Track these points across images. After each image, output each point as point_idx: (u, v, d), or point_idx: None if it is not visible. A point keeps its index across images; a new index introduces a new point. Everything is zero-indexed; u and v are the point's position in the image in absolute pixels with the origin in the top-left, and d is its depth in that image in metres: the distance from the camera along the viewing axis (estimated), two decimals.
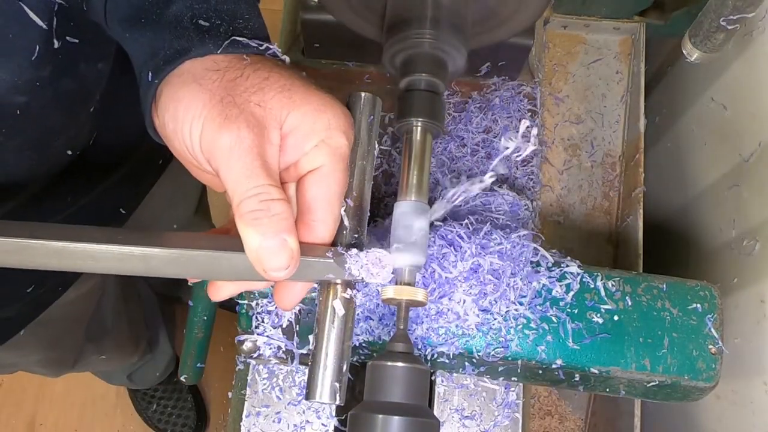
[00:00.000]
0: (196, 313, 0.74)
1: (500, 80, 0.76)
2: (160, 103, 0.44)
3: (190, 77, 0.43)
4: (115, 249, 0.42)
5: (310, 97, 0.44)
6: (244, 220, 0.41)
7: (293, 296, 0.48)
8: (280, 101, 0.43)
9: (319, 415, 0.66)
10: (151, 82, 0.45)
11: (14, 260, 0.42)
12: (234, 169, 0.41)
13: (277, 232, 0.41)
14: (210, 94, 0.42)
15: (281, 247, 0.41)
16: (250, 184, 0.41)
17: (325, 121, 0.44)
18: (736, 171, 0.84)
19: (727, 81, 0.87)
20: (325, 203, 0.44)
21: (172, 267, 0.43)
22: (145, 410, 1.66)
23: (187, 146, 0.43)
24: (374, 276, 0.46)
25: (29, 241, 0.42)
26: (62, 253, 0.42)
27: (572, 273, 0.61)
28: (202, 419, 1.66)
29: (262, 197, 0.41)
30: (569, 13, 0.99)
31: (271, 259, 0.41)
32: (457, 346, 0.59)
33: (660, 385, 0.60)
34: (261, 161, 0.41)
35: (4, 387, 1.70)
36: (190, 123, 0.42)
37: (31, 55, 0.51)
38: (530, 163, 0.74)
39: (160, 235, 0.45)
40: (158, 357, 1.49)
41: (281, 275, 0.42)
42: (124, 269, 0.43)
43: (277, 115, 0.43)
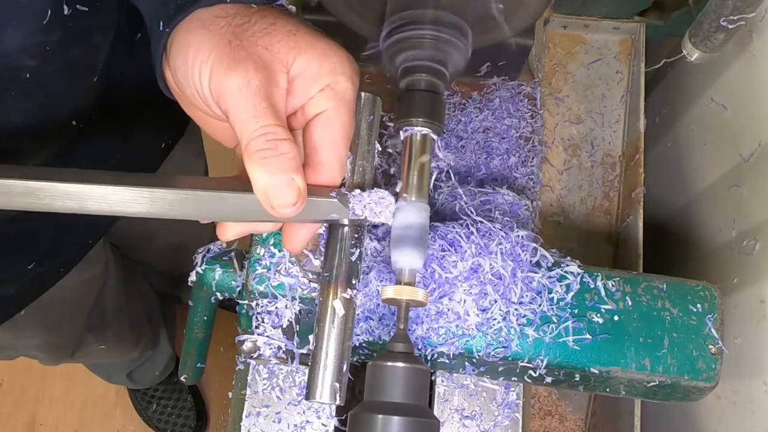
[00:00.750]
0: (196, 313, 0.74)
1: (500, 80, 0.76)
2: (171, 51, 0.45)
3: (199, 23, 0.44)
4: (124, 190, 0.43)
5: (317, 42, 0.45)
6: (252, 159, 0.42)
7: (300, 238, 0.49)
8: (286, 45, 0.44)
9: (319, 415, 0.66)
10: (163, 31, 0.46)
11: (26, 202, 0.43)
12: (242, 109, 0.42)
13: (284, 171, 0.42)
14: (218, 38, 0.43)
15: (289, 184, 0.42)
16: (258, 123, 0.42)
17: (331, 65, 0.45)
18: (736, 171, 0.84)
19: (727, 81, 0.87)
20: (331, 145, 0.46)
21: (179, 207, 0.44)
22: (144, 410, 1.65)
23: (197, 89, 0.44)
24: (377, 215, 0.47)
25: (41, 183, 0.43)
26: (74, 194, 0.43)
27: (572, 273, 0.61)
28: (202, 419, 1.66)
29: (270, 137, 0.42)
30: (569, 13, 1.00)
31: (279, 196, 0.42)
32: (457, 346, 0.59)
33: (660, 385, 0.60)
34: (268, 102, 0.43)
35: (4, 387, 1.70)
36: (199, 66, 0.43)
37: (43, 19, 0.52)
38: (530, 163, 0.74)
39: (168, 177, 0.46)
40: (158, 356, 1.49)
41: (288, 212, 0.43)
42: (132, 211, 0.44)
43: (284, 58, 0.44)
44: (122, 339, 1.25)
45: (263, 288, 0.59)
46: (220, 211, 0.46)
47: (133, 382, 1.54)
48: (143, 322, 1.35)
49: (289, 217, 0.44)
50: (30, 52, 0.54)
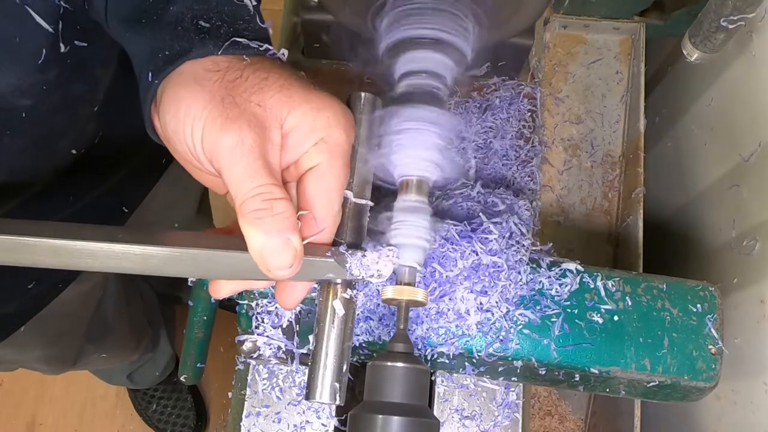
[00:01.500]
0: (196, 313, 0.74)
1: (500, 80, 0.76)
2: (162, 104, 0.44)
3: (190, 77, 0.43)
4: (115, 247, 0.42)
5: (310, 96, 0.44)
6: (247, 220, 0.41)
7: (295, 295, 0.48)
8: (279, 101, 0.43)
9: (319, 415, 0.66)
10: (151, 82, 0.45)
11: (13, 258, 0.42)
12: (236, 169, 0.41)
13: (280, 231, 0.41)
14: (211, 94, 0.42)
15: (285, 245, 0.41)
16: (252, 183, 0.41)
17: (325, 119, 0.44)
18: (736, 171, 0.84)
19: (727, 81, 0.87)
20: (325, 200, 0.45)
21: (172, 266, 0.43)
22: (144, 410, 1.65)
23: (189, 147, 0.43)
24: (374, 276, 0.47)
25: (28, 239, 0.42)
26: (61, 251, 0.42)
27: (572, 273, 0.61)
28: (202, 419, 1.66)
29: (265, 196, 0.41)
30: (569, 13, 0.99)
31: (275, 257, 0.41)
32: (457, 346, 0.59)
33: (660, 385, 0.60)
34: (263, 161, 0.42)
35: (4, 387, 1.70)
36: (191, 123, 0.42)
37: (38, 59, 0.51)
38: (530, 163, 0.74)
39: (161, 233, 0.45)
40: (158, 357, 1.49)
41: (285, 274, 0.42)
42: (123, 268, 0.43)
43: (278, 114, 0.43)
44: (122, 345, 1.25)
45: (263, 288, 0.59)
46: (214, 270, 0.44)
47: (134, 383, 1.54)
48: (143, 324, 1.34)
49: (285, 279, 0.43)
50: (25, 92, 0.53)
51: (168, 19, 0.46)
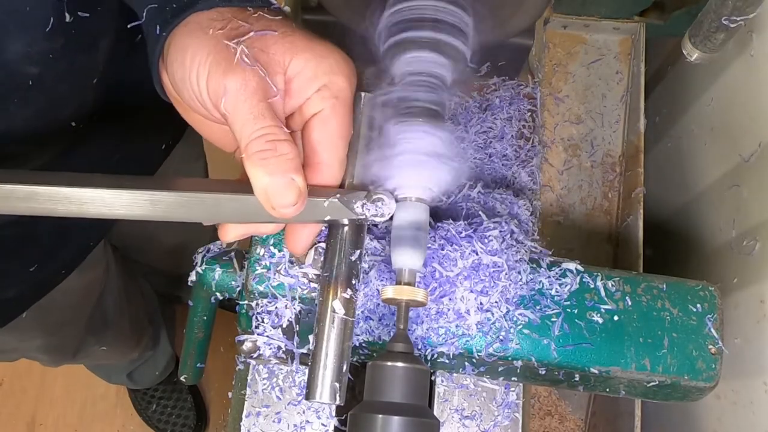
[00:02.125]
0: (196, 313, 0.74)
1: (500, 80, 0.76)
2: (169, 56, 0.46)
3: (196, 26, 0.45)
4: (123, 194, 0.44)
5: (313, 44, 0.45)
6: (252, 160, 0.42)
7: (303, 240, 0.49)
8: (282, 46, 0.44)
9: (319, 415, 0.66)
10: (160, 35, 0.46)
11: (25, 206, 0.43)
12: (241, 111, 0.42)
13: (284, 171, 0.42)
14: (215, 40, 0.44)
15: (289, 184, 0.42)
16: (257, 125, 0.42)
17: (327, 66, 0.45)
18: (736, 171, 0.84)
19: (727, 81, 0.87)
20: (330, 145, 0.46)
21: (180, 210, 0.44)
22: (144, 410, 1.65)
23: (195, 92, 0.44)
24: (377, 215, 0.47)
25: (40, 187, 0.43)
26: (72, 198, 0.43)
27: (572, 273, 0.61)
28: (202, 419, 1.66)
29: (269, 137, 0.42)
30: (569, 13, 1.00)
31: (280, 196, 0.42)
32: (457, 346, 0.59)
33: (660, 385, 0.60)
34: (266, 104, 0.43)
35: (4, 387, 1.70)
36: (197, 69, 0.43)
37: (45, 27, 0.53)
38: (530, 163, 0.74)
39: (168, 180, 0.46)
40: (158, 356, 1.49)
41: (289, 212, 0.43)
42: (133, 214, 0.44)
43: (281, 59, 0.44)
44: (123, 340, 1.25)
45: (263, 288, 0.59)
46: (221, 213, 0.46)
47: (133, 382, 1.54)
48: (144, 322, 1.35)
49: (290, 218, 0.44)
50: (33, 60, 0.55)
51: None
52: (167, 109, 0.51)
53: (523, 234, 0.61)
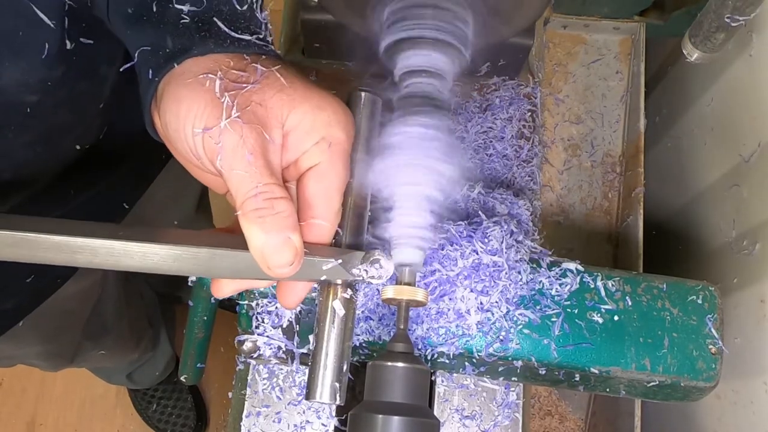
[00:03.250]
0: (196, 313, 0.74)
1: (500, 80, 0.76)
2: (162, 103, 0.44)
3: (191, 76, 0.43)
4: (115, 244, 0.42)
5: (310, 95, 0.44)
6: (248, 218, 0.41)
7: (296, 295, 0.48)
8: (280, 100, 0.43)
9: (319, 415, 0.66)
10: (152, 79, 0.45)
11: (15, 254, 0.42)
12: (237, 168, 0.41)
13: (281, 230, 0.41)
14: (211, 93, 0.42)
15: (285, 244, 0.41)
16: (253, 182, 0.41)
17: (325, 118, 0.44)
18: (736, 171, 0.84)
19: (727, 81, 0.87)
20: (325, 199, 0.45)
21: (173, 263, 0.43)
22: (144, 410, 1.65)
23: (190, 146, 0.43)
24: (375, 277, 0.47)
25: (30, 234, 0.42)
26: (63, 247, 0.42)
27: (572, 272, 0.61)
28: (202, 419, 1.66)
29: (266, 195, 0.41)
30: (569, 13, 1.00)
31: (276, 256, 0.42)
32: (457, 346, 0.59)
33: (660, 385, 0.60)
34: (264, 160, 0.42)
35: (4, 387, 1.70)
36: (192, 123, 0.42)
37: (41, 54, 0.51)
38: (530, 163, 0.74)
39: (162, 231, 0.45)
40: (158, 357, 1.49)
41: (285, 272, 0.42)
42: (123, 265, 0.43)
43: (278, 113, 0.43)
44: (122, 343, 1.25)
45: (263, 288, 0.59)
46: (216, 269, 0.44)
47: (133, 383, 1.54)
48: (143, 324, 1.35)
49: (285, 277, 0.43)
50: (30, 88, 0.53)
51: (169, 16, 0.46)
52: None
53: (523, 234, 0.61)
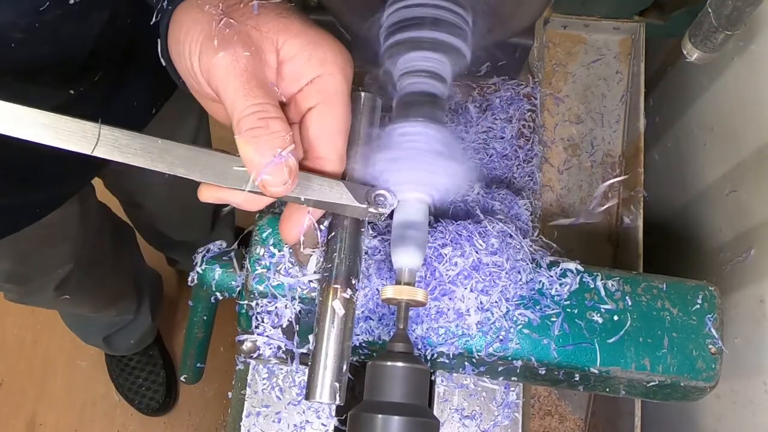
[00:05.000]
0: (196, 313, 0.74)
1: (500, 80, 0.76)
2: (169, 32, 0.46)
3: (193, 3, 0.45)
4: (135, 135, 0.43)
5: (307, 29, 0.45)
6: (243, 138, 0.42)
7: (298, 226, 0.49)
8: (276, 26, 0.44)
9: (319, 415, 0.66)
10: (166, 9, 0.46)
11: (44, 134, 0.42)
12: (231, 87, 0.42)
13: (275, 149, 0.42)
14: (208, 17, 0.44)
15: (280, 162, 0.42)
16: (247, 102, 0.42)
17: (321, 55, 0.45)
18: (736, 171, 0.84)
19: (727, 81, 0.87)
20: (327, 139, 0.46)
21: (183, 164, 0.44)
22: (117, 377, 1.67)
23: (188, 68, 0.45)
24: (378, 207, 0.47)
25: (61, 116, 0.42)
26: None
27: (572, 272, 0.61)
28: (171, 395, 1.67)
29: (261, 115, 0.42)
30: (569, 13, 1.00)
31: (270, 174, 0.42)
32: (457, 346, 0.59)
33: (660, 385, 0.60)
34: (258, 81, 0.43)
35: (4, 387, 1.70)
36: (189, 45, 0.44)
37: (40, 6, 0.53)
38: (530, 163, 0.74)
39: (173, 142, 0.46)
40: (136, 324, 1.50)
41: (280, 191, 0.43)
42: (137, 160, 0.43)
43: (273, 38, 0.44)
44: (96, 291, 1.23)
45: (263, 288, 0.59)
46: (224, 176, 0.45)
47: (109, 347, 1.55)
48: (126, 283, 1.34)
49: (280, 196, 0.44)
50: (20, 27, 0.55)
51: None
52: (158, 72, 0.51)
53: (522, 234, 0.61)
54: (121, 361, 1.65)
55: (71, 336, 1.52)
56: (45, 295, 1.08)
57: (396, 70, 0.53)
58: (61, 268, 1.03)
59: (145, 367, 1.65)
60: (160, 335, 1.69)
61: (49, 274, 1.04)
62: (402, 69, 0.52)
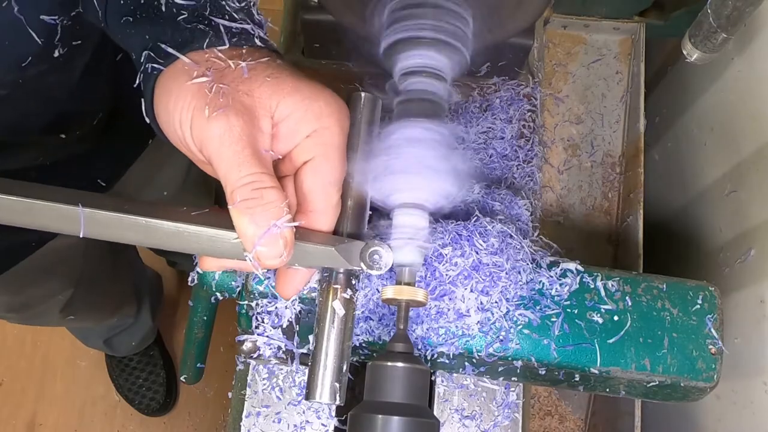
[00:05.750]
0: (196, 313, 0.74)
1: (500, 80, 0.76)
2: (155, 97, 0.45)
3: (180, 69, 0.44)
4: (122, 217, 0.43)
5: (300, 86, 0.44)
6: (238, 209, 0.41)
7: (294, 285, 0.48)
8: (268, 89, 0.43)
9: (319, 415, 0.66)
10: (150, 73, 0.45)
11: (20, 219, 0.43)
12: (225, 157, 0.41)
13: (270, 220, 0.41)
14: (198, 85, 0.43)
15: (275, 235, 0.41)
16: (241, 172, 0.41)
17: (317, 109, 0.44)
18: (736, 171, 0.84)
19: (727, 81, 0.87)
20: (322, 192, 0.45)
21: (175, 240, 0.43)
22: (117, 377, 1.67)
23: (180, 137, 0.44)
24: (374, 267, 0.46)
25: (36, 201, 0.42)
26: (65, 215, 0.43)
27: (572, 272, 0.61)
28: (171, 396, 1.67)
29: (255, 185, 0.41)
30: (569, 13, 1.00)
31: (266, 247, 0.41)
32: (457, 346, 0.59)
33: (660, 385, 0.60)
34: (252, 149, 0.42)
35: (4, 387, 1.70)
36: (179, 114, 0.43)
37: (22, 62, 0.52)
38: (530, 163, 0.74)
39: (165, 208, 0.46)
40: (137, 326, 1.50)
41: (275, 263, 0.42)
42: (126, 238, 0.43)
43: (266, 103, 0.43)
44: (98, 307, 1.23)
45: (263, 288, 0.59)
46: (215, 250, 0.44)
47: (110, 349, 1.55)
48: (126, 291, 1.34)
49: (275, 267, 0.43)
50: (2, 84, 0.54)
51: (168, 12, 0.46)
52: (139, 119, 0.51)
53: (522, 234, 0.61)
54: (121, 362, 1.66)
55: (71, 336, 1.52)
56: (49, 318, 1.08)
57: (396, 70, 0.53)
58: (62, 294, 1.03)
59: (145, 367, 1.66)
60: (161, 335, 1.69)
61: (50, 301, 1.04)
62: (402, 69, 0.52)
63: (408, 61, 0.52)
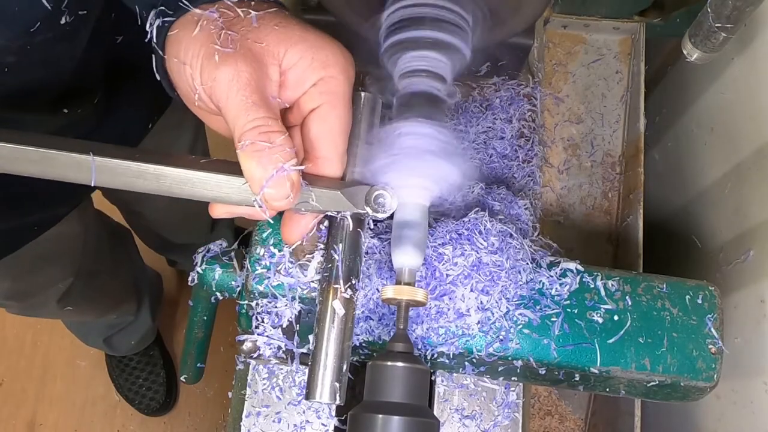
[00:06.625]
0: (196, 313, 0.74)
1: (500, 80, 0.76)
2: (166, 49, 0.46)
3: (190, 19, 0.45)
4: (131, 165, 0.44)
5: (307, 34, 0.45)
6: (245, 152, 0.42)
7: (300, 229, 0.49)
8: (276, 38, 0.44)
9: (319, 415, 0.66)
10: (162, 26, 0.46)
11: (38, 170, 0.44)
12: (233, 102, 0.42)
13: (277, 163, 0.42)
14: (208, 32, 0.44)
15: (282, 176, 0.42)
16: (249, 116, 0.42)
17: (323, 58, 0.45)
18: (736, 171, 0.84)
19: (727, 81, 0.87)
20: (329, 140, 0.46)
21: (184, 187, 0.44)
22: (117, 377, 1.67)
23: (189, 84, 0.45)
24: (378, 211, 0.47)
25: (49, 151, 0.43)
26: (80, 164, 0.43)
27: (572, 272, 0.61)
28: (171, 396, 1.67)
29: (263, 129, 0.42)
30: (569, 13, 1.00)
31: (273, 188, 0.42)
32: (457, 346, 0.59)
33: (660, 384, 0.60)
34: (260, 95, 0.43)
35: (4, 387, 1.70)
36: (189, 61, 0.44)
37: (31, 27, 0.53)
38: (530, 163, 0.74)
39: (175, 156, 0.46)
40: (136, 325, 1.50)
41: (282, 204, 0.43)
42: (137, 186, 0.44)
43: (274, 51, 0.44)
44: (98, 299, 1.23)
45: (263, 288, 0.59)
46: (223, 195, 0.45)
47: (110, 348, 1.55)
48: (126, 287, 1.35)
49: (283, 209, 0.44)
50: (11, 51, 0.55)
51: None
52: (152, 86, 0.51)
53: (522, 233, 0.61)
54: (121, 362, 1.65)
55: (71, 336, 1.52)
56: (48, 309, 1.08)
57: (396, 70, 0.53)
58: (62, 283, 1.03)
59: (145, 367, 1.65)
60: (161, 335, 1.69)
61: (50, 289, 1.04)
62: (402, 69, 0.52)
63: (408, 61, 0.52)
